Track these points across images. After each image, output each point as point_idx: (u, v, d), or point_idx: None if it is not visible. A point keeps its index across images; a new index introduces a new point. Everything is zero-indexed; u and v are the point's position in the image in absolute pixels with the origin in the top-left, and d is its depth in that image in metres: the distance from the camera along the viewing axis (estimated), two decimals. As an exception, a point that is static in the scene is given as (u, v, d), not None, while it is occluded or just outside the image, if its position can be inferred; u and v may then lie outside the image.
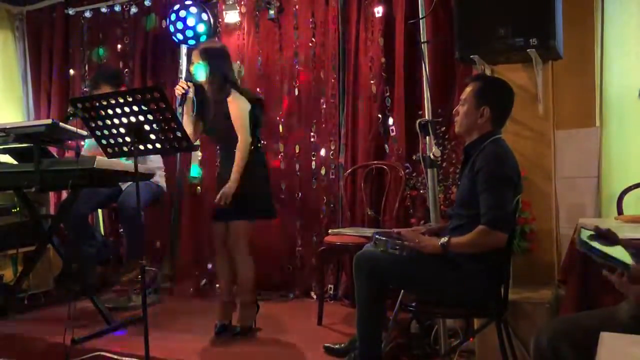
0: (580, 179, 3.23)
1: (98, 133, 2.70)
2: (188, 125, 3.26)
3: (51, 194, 4.93)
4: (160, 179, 4.08)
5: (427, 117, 3.10)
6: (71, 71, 5.17)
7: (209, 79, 3.30)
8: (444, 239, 2.37)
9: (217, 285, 4.13)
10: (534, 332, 1.74)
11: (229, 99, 3.28)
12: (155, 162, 4.03)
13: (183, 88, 3.29)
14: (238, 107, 3.28)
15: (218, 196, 3.24)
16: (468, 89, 2.54)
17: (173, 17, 4.38)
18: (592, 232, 1.70)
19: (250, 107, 3.31)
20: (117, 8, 4.87)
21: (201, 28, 4.37)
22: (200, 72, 3.29)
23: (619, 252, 1.60)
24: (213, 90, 3.32)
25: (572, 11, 3.09)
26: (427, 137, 2.92)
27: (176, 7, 4.38)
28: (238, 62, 4.42)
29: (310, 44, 4.26)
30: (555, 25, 2.78)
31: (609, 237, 1.66)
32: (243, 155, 3.25)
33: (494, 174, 2.34)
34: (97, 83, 4.00)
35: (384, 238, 2.47)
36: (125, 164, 3.32)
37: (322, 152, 4.23)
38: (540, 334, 1.68)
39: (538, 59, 2.95)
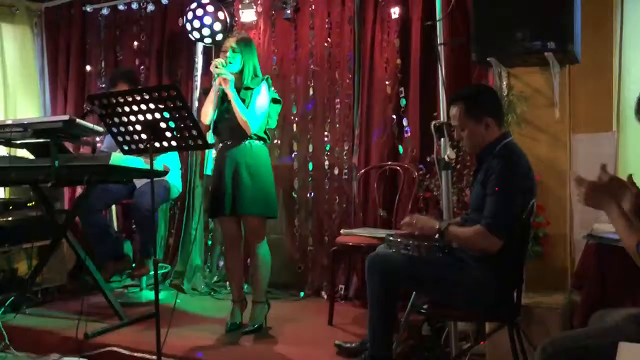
0: (595, 183, 3.19)
1: (114, 130, 2.73)
2: (209, 106, 3.28)
3: (65, 189, 4.97)
4: (175, 177, 4.10)
5: (442, 119, 3.10)
6: (88, 67, 5.21)
7: (244, 67, 3.32)
8: (443, 224, 2.41)
9: (228, 283, 4.15)
10: (545, 338, 1.73)
11: (260, 89, 3.30)
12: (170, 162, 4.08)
13: (220, 64, 3.22)
14: (266, 96, 3.32)
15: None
16: (455, 113, 2.51)
17: (190, 15, 4.39)
18: None
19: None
20: (134, 5, 4.91)
21: (217, 27, 4.39)
22: (236, 60, 3.30)
23: None
24: (245, 78, 3.33)
25: (590, 14, 3.06)
26: (442, 139, 2.91)
27: (193, 5, 4.39)
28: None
29: (325, 44, 4.26)
30: (573, 29, 2.76)
31: None
32: (253, 124, 3.24)
33: (503, 181, 2.34)
34: (115, 80, 4.06)
35: (398, 239, 2.47)
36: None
37: (336, 152, 4.23)
38: (547, 346, 1.69)
39: (555, 62, 2.93)
